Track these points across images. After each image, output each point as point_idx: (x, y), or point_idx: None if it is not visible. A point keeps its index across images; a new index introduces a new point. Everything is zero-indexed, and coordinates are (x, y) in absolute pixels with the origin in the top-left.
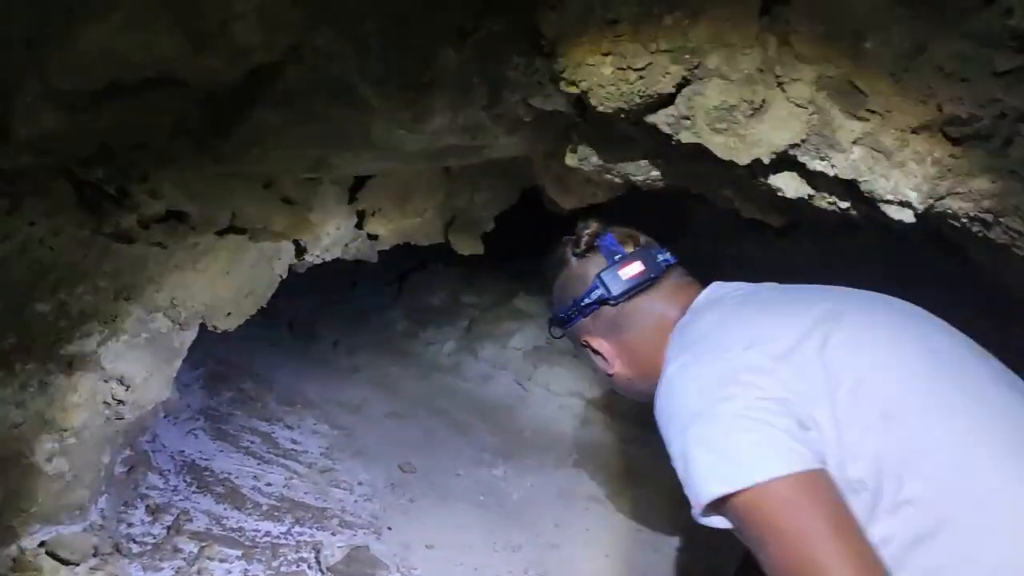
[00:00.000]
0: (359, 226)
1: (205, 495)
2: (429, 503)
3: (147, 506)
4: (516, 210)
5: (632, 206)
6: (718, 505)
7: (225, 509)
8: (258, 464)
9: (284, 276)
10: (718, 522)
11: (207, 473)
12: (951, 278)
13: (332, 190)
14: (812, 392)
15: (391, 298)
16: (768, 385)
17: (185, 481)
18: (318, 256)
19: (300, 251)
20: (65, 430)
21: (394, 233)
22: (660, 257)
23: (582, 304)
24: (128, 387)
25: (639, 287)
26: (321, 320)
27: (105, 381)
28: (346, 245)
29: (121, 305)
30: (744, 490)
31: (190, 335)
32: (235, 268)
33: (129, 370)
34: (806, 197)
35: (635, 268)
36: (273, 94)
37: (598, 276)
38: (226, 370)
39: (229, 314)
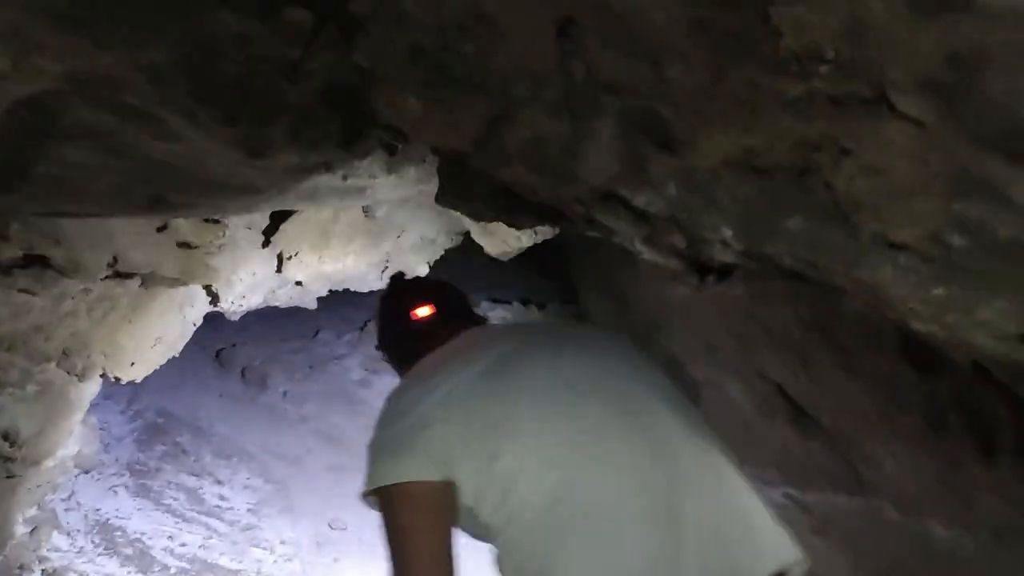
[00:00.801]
0: (281, 271)
1: (111, 557)
2: (354, 562)
3: (44, 570)
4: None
5: (582, 250)
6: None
7: (129, 573)
8: (176, 523)
9: (198, 324)
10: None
11: (118, 533)
12: (871, 322)
13: (243, 233)
14: (450, 417)
15: (351, 346)
16: (421, 412)
17: (93, 542)
18: (234, 303)
19: (215, 298)
20: None
21: (315, 278)
22: (448, 308)
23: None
24: (14, 443)
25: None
26: (275, 369)
27: None
28: (273, 291)
29: (3, 356)
30: (371, 492)
31: (91, 387)
32: (138, 315)
33: (15, 425)
34: (644, 235)
35: (423, 311)
36: (64, 128)
37: None
38: (165, 422)
39: (133, 364)
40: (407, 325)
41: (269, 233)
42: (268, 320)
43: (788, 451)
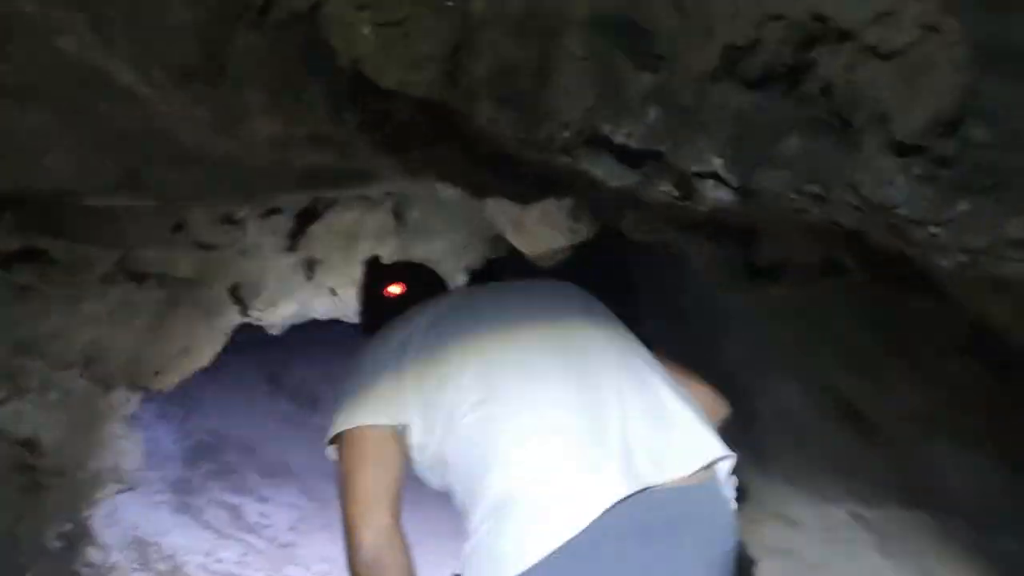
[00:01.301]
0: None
1: (144, 573)
2: None
3: None
4: None
5: (637, 259)
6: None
7: None
8: (214, 539)
9: (229, 333)
10: None
11: (154, 549)
12: (935, 319)
13: (268, 240)
14: (401, 362)
15: None
16: (375, 362)
17: (128, 558)
18: (263, 311)
19: (243, 307)
20: None
21: (346, 287)
22: (419, 284)
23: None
24: (37, 452)
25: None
26: (326, 388)
27: (9, 445)
28: (308, 302)
29: (21, 361)
30: (334, 438)
31: (121, 396)
32: (162, 323)
33: (38, 433)
34: (634, 185)
35: (395, 289)
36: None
37: None
38: (214, 440)
39: (159, 373)
40: (381, 302)
41: (294, 236)
42: (323, 342)
43: (849, 462)
